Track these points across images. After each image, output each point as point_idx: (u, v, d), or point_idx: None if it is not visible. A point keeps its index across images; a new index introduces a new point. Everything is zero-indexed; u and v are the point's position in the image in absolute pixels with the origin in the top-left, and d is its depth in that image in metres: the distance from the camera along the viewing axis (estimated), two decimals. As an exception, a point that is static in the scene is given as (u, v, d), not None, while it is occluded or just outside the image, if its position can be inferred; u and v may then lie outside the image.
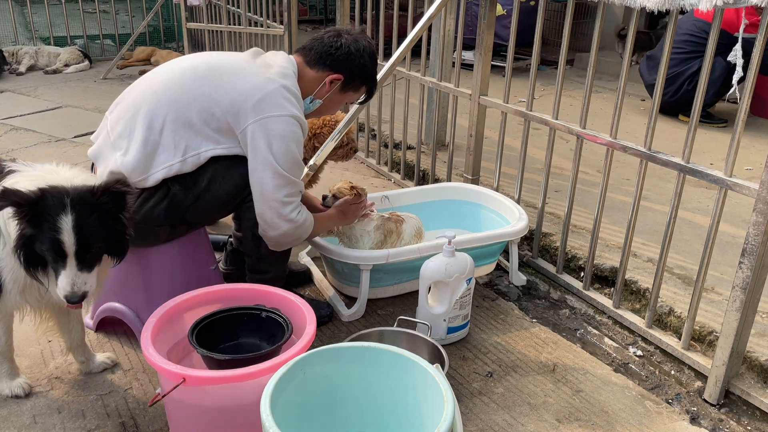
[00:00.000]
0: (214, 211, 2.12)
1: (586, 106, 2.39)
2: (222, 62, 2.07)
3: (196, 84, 2.00)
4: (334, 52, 2.16)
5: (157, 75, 2.09)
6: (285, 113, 1.99)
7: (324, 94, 2.21)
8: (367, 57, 2.20)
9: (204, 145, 1.99)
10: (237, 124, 1.98)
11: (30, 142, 4.31)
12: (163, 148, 1.97)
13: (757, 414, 1.98)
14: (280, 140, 1.97)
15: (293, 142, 2.00)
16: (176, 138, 1.97)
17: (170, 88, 2.02)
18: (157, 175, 1.98)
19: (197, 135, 1.98)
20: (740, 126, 1.88)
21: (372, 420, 1.63)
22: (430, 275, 2.21)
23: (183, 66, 2.07)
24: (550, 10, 6.51)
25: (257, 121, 1.96)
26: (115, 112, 2.09)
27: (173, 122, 1.97)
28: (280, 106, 1.99)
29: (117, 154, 2.00)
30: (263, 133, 1.96)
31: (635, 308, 2.44)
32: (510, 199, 2.76)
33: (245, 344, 1.89)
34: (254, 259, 2.21)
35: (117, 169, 1.97)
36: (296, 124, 2.02)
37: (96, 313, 2.27)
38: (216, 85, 1.99)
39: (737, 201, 3.07)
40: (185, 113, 1.97)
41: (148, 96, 2.03)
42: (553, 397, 2.04)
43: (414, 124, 3.61)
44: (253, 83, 2.00)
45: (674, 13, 2.02)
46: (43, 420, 1.88)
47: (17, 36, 6.99)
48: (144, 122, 1.98)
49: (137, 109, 2.02)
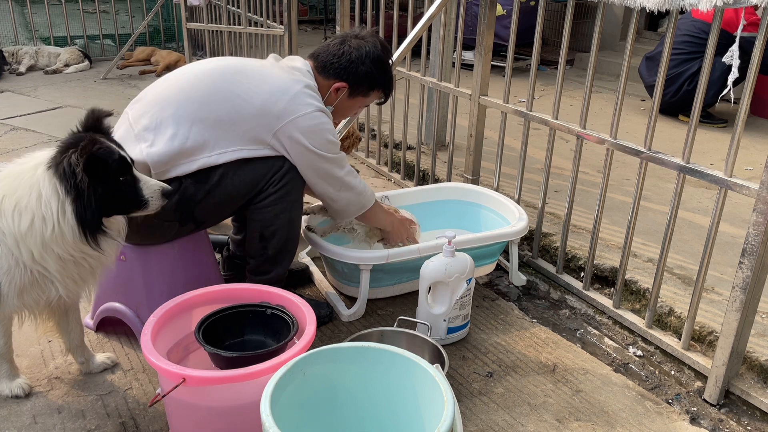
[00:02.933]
0: (223, 207, 2.12)
1: (586, 106, 2.39)
2: (247, 66, 2.13)
3: (226, 84, 2.04)
4: (336, 61, 2.19)
5: (183, 74, 2.11)
6: (313, 109, 2.07)
7: (333, 101, 2.25)
8: (370, 63, 2.21)
9: (232, 144, 2.02)
10: (269, 126, 2.03)
11: (30, 143, 4.31)
12: (192, 144, 1.99)
13: (757, 414, 1.98)
14: (318, 134, 2.07)
15: (328, 132, 2.10)
16: (206, 135, 2.00)
17: (199, 87, 2.05)
18: (180, 168, 2.00)
19: (227, 133, 2.01)
20: (740, 126, 1.88)
21: (372, 420, 1.63)
22: (430, 275, 2.21)
23: (210, 67, 2.11)
24: (550, 10, 6.52)
25: (291, 121, 2.03)
26: (137, 107, 2.10)
27: (203, 120, 2.00)
28: (308, 104, 2.06)
29: (143, 145, 2.00)
30: (299, 130, 2.04)
31: (635, 308, 2.44)
32: (510, 199, 2.76)
33: (251, 341, 1.90)
34: (259, 261, 2.21)
35: (141, 159, 1.97)
36: (323, 116, 2.10)
37: (96, 313, 2.27)
38: (245, 87, 2.04)
39: (737, 201, 3.07)
40: (216, 112, 2.01)
41: (175, 93, 2.05)
42: (553, 397, 2.04)
43: (414, 124, 3.61)
44: (279, 85, 2.06)
45: (674, 13, 2.02)
46: (43, 420, 1.88)
47: (17, 36, 6.99)
48: (173, 117, 2.00)
49: (165, 105, 2.03)
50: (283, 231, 2.15)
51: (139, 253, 2.14)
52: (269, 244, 2.15)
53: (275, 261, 2.20)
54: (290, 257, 2.25)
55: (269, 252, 2.17)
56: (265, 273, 2.23)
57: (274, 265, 2.22)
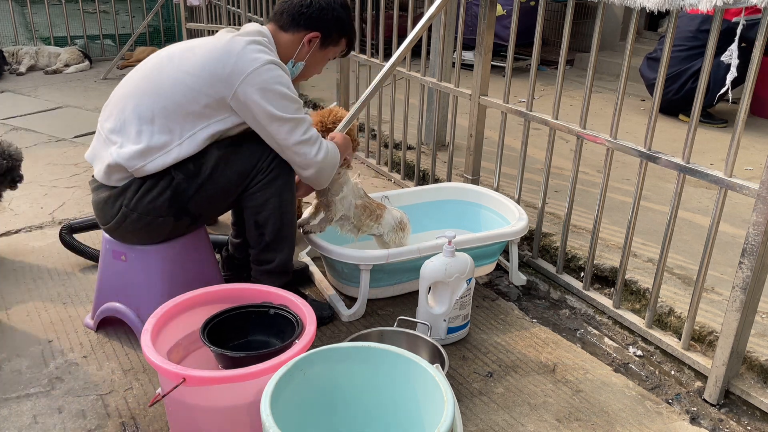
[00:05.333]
0: (217, 200, 2.11)
1: (586, 106, 2.39)
2: (193, 43, 2.10)
3: (174, 68, 2.02)
4: (305, 11, 2.16)
5: (137, 71, 2.12)
6: (262, 62, 2.00)
7: (305, 55, 2.21)
8: (339, 8, 2.21)
9: (198, 124, 2.00)
10: (224, 91, 1.98)
11: (30, 142, 4.31)
12: (158, 136, 1.98)
13: (757, 414, 1.98)
14: (271, 89, 1.99)
15: (282, 85, 2.02)
16: (169, 124, 1.98)
17: (151, 78, 2.04)
18: (156, 162, 1.98)
19: (189, 116, 1.99)
20: (740, 126, 1.88)
21: (372, 420, 1.64)
22: (430, 275, 2.21)
23: (160, 56, 2.10)
24: (550, 10, 6.51)
25: (242, 82, 1.97)
26: (104, 111, 2.12)
27: (162, 109, 1.99)
28: (255, 58, 2.00)
29: (112, 148, 2.01)
30: (253, 89, 1.97)
31: (635, 308, 2.44)
32: (510, 199, 2.76)
33: (254, 341, 1.90)
34: (258, 250, 2.20)
35: (114, 161, 1.98)
36: (277, 68, 2.03)
37: (96, 313, 2.27)
38: (192, 63, 2.01)
39: (737, 201, 3.07)
40: (172, 98, 1.99)
41: (131, 90, 2.05)
42: (553, 397, 2.04)
43: (414, 124, 3.61)
44: (223, 49, 2.01)
45: (674, 13, 2.02)
46: (43, 420, 1.88)
47: (17, 36, 6.99)
48: (134, 115, 2.00)
49: (125, 104, 2.04)
50: (276, 215, 2.13)
51: (139, 253, 2.14)
52: (265, 231, 2.14)
53: (275, 248, 2.18)
54: (290, 244, 2.22)
55: (266, 238, 2.16)
56: (268, 262, 2.21)
57: (275, 252, 2.20)
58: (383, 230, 2.47)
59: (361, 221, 2.43)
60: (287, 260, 2.23)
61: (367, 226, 2.45)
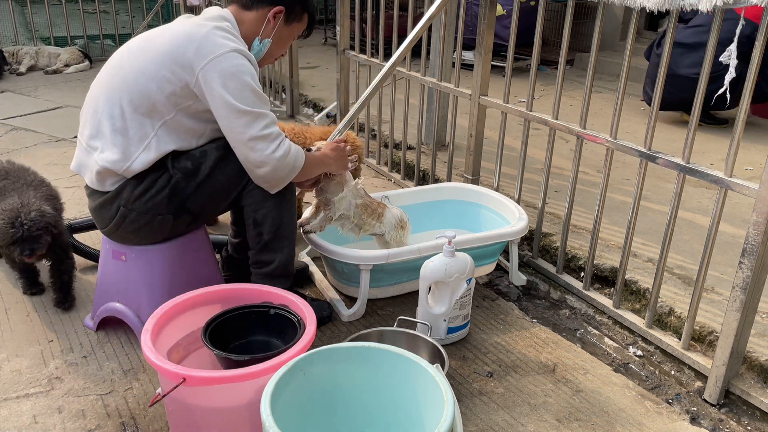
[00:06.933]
0: (216, 198, 2.10)
1: (586, 106, 2.39)
2: (152, 33, 2.07)
3: (136, 60, 2.00)
4: None
5: (101, 72, 2.11)
6: (227, 50, 1.95)
7: (270, 31, 2.17)
8: None
9: (168, 112, 1.98)
10: (187, 77, 1.95)
11: (30, 142, 4.32)
12: (134, 131, 1.97)
13: (757, 414, 1.98)
14: (232, 77, 1.94)
15: (246, 75, 1.97)
16: (141, 117, 1.97)
17: (115, 75, 2.03)
18: (141, 159, 1.97)
19: (157, 105, 1.97)
20: (740, 126, 1.88)
21: (372, 420, 1.64)
22: (430, 275, 2.21)
23: (121, 52, 2.09)
24: (550, 10, 6.51)
25: (204, 68, 1.92)
26: (81, 120, 2.11)
27: (130, 103, 1.97)
28: (219, 44, 1.95)
29: (95, 154, 2.00)
30: (214, 76, 1.93)
31: (635, 308, 2.44)
32: (510, 199, 2.76)
33: (255, 342, 1.89)
34: (257, 250, 2.18)
35: (101, 167, 1.97)
36: (242, 57, 1.98)
37: (96, 313, 2.27)
38: (154, 51, 1.98)
39: (737, 201, 3.07)
40: (136, 89, 1.96)
41: (98, 90, 2.05)
42: (553, 397, 2.04)
43: (414, 124, 3.61)
44: (185, 34, 1.97)
45: (674, 13, 2.02)
46: (43, 420, 1.88)
47: (17, 36, 6.99)
48: (106, 116, 1.99)
49: (95, 106, 2.03)
50: (274, 212, 2.12)
51: (139, 253, 2.14)
52: (263, 229, 2.13)
53: (274, 248, 2.16)
54: (289, 245, 2.20)
55: (265, 237, 2.14)
56: (268, 263, 2.19)
57: (274, 253, 2.17)
58: (385, 229, 2.48)
59: (363, 220, 2.44)
60: (287, 262, 2.21)
61: (369, 225, 2.46)
